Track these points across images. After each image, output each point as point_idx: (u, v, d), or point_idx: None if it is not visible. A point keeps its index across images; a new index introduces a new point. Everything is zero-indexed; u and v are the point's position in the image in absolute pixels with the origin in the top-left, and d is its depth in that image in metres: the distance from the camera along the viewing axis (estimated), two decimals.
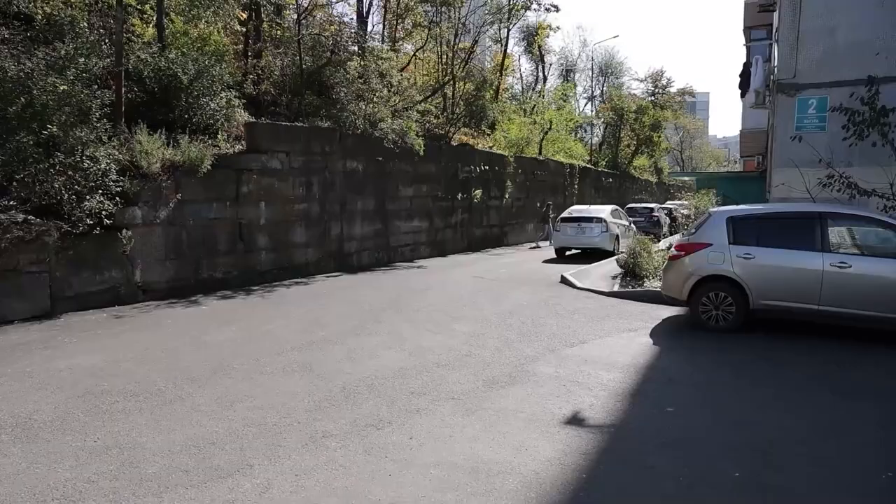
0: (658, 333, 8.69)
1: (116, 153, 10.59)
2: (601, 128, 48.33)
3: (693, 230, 9.46)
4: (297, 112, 17.05)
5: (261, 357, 7.11)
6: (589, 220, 19.72)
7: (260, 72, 17.79)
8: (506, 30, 33.86)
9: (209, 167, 12.06)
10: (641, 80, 58.12)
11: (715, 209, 9.46)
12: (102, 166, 9.85)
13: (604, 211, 20.45)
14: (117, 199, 10.30)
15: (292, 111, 17.18)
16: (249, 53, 17.85)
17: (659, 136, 51.34)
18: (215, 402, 5.51)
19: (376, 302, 11.16)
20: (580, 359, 7.19)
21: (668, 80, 56.53)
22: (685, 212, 40.19)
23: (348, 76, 17.50)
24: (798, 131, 12.66)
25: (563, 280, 13.88)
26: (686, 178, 49.71)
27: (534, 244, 25.37)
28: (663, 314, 10.06)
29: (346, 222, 16.42)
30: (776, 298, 8.43)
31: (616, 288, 12.52)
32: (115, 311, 9.99)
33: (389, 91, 18.59)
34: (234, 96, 14.58)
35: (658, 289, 11.87)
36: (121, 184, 10.36)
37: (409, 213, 19.28)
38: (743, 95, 16.40)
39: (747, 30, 32.82)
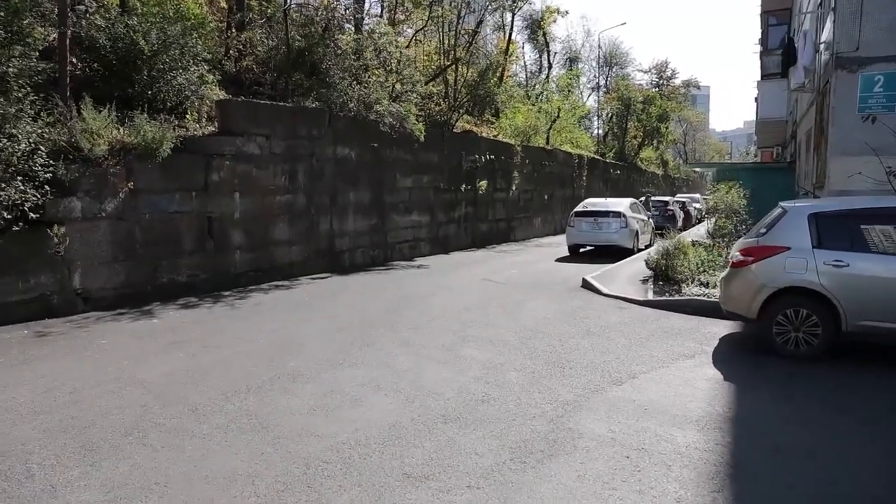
0: (723, 360, 6.79)
1: (47, 131, 8.66)
2: (606, 118, 46.32)
3: (763, 230, 7.52)
4: (283, 93, 15.07)
5: (202, 404, 5.20)
6: (606, 214, 17.79)
7: (242, 47, 15.82)
8: (510, 14, 31.98)
9: (170, 151, 10.13)
10: (645, 72, 56.39)
11: (790, 204, 7.55)
12: (23, 146, 7.89)
13: (622, 204, 18.51)
14: (47, 187, 8.39)
15: (278, 91, 15.20)
16: (231, 24, 15.85)
17: (667, 128, 49.57)
18: (103, 499, 3.61)
19: (368, 313, 9.27)
20: (637, 405, 5.29)
21: (673, 71, 54.74)
22: (697, 205, 38.45)
23: (340, 51, 15.48)
24: (861, 113, 10.79)
25: (586, 285, 11.97)
26: (699, 170, 47.63)
27: None
28: (717, 331, 8.18)
29: (337, 216, 14.49)
30: (880, 319, 6.51)
31: (650, 295, 10.62)
32: (42, 326, 8.09)
33: (386, 69, 16.59)
34: (208, 71, 12.64)
35: (701, 297, 10.00)
36: (52, 169, 8.43)
37: (409, 206, 17.33)
38: (783, 75, 14.47)
39: (765, 14, 30.93)
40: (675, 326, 8.51)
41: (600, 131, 46.29)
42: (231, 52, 15.43)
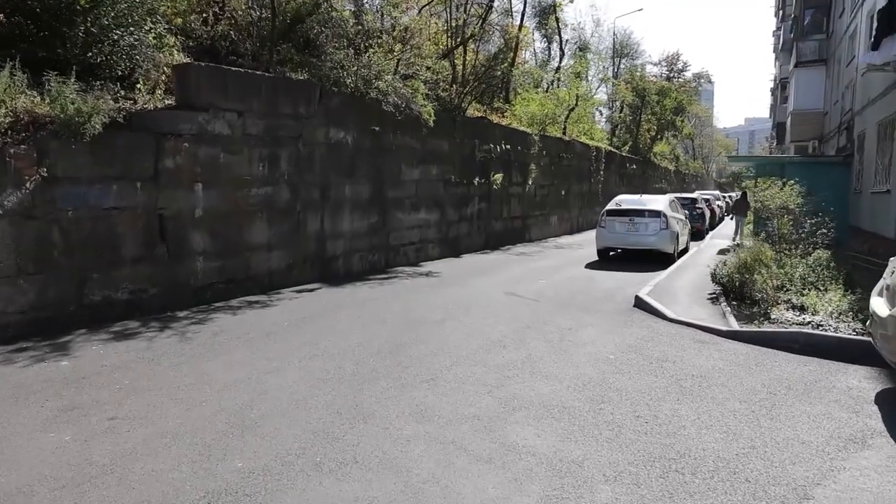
0: None
1: None
2: (617, 109, 43.76)
3: None
4: (267, 66, 12.50)
5: None
6: (642, 213, 15.30)
7: (217, 9, 13.23)
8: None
9: (101, 127, 7.61)
10: (655, 64, 54.03)
11: None
12: None
13: (660, 202, 16.04)
14: None
15: (261, 64, 12.60)
16: None
17: (682, 121, 47.21)
18: None
19: (365, 351, 6.76)
20: None
21: (684, 63, 52.26)
22: (719, 203, 36.15)
23: (335, 13, 12.87)
24: None
25: (641, 304, 9.47)
26: (738, 165, 45.02)
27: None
28: (858, 384, 5.75)
29: (329, 214, 11.94)
30: None
31: (734, 323, 8.08)
32: None
33: (391, 37, 14.02)
34: (165, 29, 10.12)
35: (806, 327, 7.49)
36: None
37: (415, 201, 14.76)
38: (875, 48, 11.92)
39: None
40: (794, 377, 6.02)
41: (605, 124, 43.69)
42: (206, 16, 12.86)
